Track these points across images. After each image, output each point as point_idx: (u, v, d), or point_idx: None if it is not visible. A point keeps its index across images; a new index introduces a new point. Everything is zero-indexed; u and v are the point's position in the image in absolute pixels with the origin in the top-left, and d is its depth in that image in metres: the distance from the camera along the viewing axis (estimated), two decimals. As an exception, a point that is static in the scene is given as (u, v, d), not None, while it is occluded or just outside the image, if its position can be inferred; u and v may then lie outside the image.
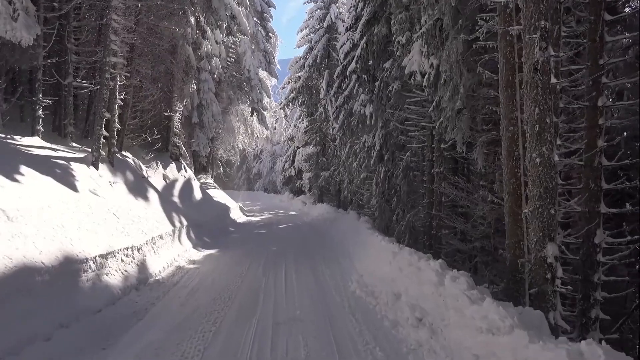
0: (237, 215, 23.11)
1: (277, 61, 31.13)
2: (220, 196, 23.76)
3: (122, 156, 13.36)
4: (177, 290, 8.11)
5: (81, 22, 12.50)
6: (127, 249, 8.36)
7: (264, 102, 27.88)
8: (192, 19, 17.89)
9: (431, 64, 9.48)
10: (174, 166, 18.00)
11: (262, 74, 28.26)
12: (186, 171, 19.28)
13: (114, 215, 9.27)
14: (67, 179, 9.05)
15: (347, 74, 16.20)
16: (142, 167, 14.41)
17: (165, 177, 16.29)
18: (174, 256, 10.49)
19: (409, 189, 13.37)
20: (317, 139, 26.89)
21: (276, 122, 43.39)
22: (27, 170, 8.02)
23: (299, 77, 27.28)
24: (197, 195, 18.62)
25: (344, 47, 16.13)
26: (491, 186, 9.46)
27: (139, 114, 15.81)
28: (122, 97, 12.39)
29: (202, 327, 6.06)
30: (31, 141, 10.18)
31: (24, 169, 7.99)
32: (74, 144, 12.16)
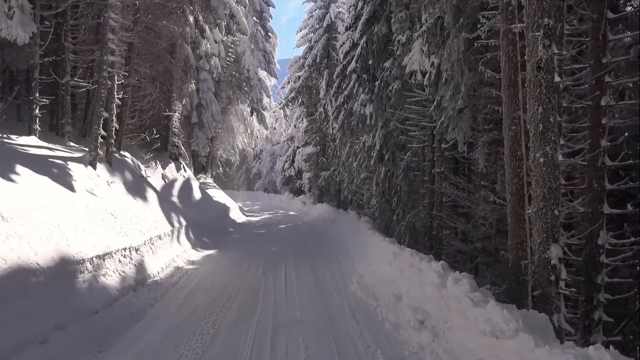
0: (236, 215, 23.01)
1: (276, 61, 31.06)
2: (219, 196, 23.66)
3: (121, 156, 13.26)
4: (175, 291, 8.02)
5: (78, 21, 12.42)
6: (124, 249, 8.26)
7: (264, 101, 27.80)
8: (191, 18, 17.78)
9: (432, 63, 9.41)
10: (173, 166, 17.89)
11: (262, 73, 28.19)
12: (185, 171, 19.17)
13: (112, 215, 9.17)
14: (64, 179, 8.96)
15: (347, 73, 16.13)
16: (141, 166, 14.30)
17: (164, 177, 16.18)
18: (172, 257, 10.39)
19: (410, 189, 13.29)
20: (317, 138, 26.80)
21: (276, 122, 43.33)
22: (23, 169, 7.94)
23: (299, 76, 27.21)
24: (197, 195, 18.52)
25: (344, 46, 16.06)
26: (492, 186, 9.39)
27: (137, 114, 15.71)
28: (120, 96, 12.31)
29: (201, 329, 5.98)
30: (28, 140, 10.10)
31: (20, 168, 7.90)
32: (72, 144, 12.08)
